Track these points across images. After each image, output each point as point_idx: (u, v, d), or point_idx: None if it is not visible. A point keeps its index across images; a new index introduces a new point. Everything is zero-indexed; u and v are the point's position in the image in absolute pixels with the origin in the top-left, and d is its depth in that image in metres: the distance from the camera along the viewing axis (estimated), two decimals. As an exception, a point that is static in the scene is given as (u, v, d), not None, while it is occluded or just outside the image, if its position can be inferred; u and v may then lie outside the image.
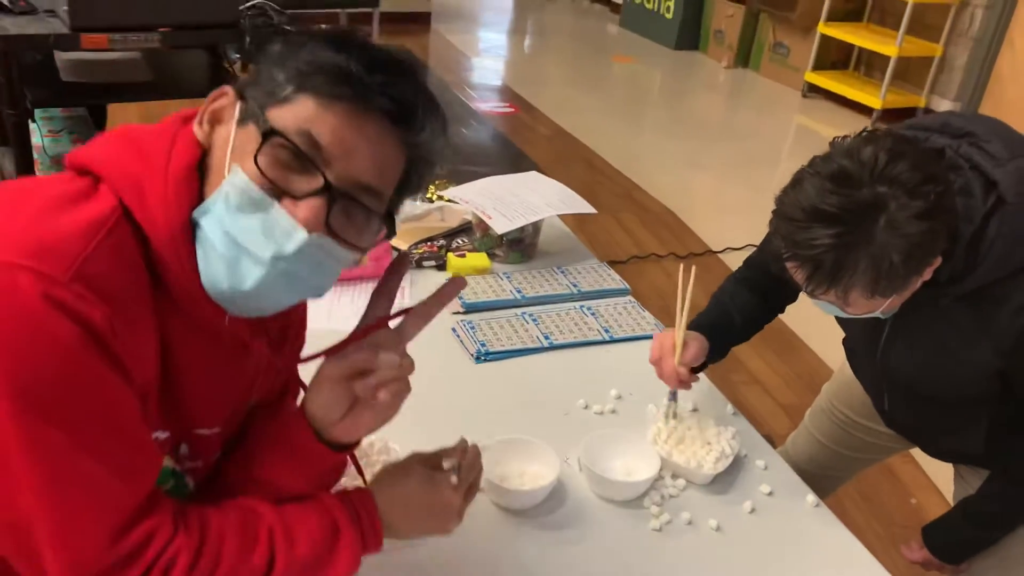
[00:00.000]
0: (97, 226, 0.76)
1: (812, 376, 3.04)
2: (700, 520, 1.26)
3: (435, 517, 1.00)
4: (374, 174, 0.82)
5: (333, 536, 0.91)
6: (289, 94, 0.80)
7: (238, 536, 0.85)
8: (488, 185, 1.97)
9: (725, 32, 6.93)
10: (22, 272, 0.71)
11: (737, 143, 5.36)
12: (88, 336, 0.73)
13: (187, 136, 0.83)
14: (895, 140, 1.06)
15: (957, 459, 1.48)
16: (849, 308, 1.13)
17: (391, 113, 0.81)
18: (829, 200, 1.02)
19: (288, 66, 0.81)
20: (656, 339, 1.40)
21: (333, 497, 0.94)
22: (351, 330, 0.94)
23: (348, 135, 0.80)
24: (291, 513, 0.90)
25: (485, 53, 7.02)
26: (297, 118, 0.79)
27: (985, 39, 5.40)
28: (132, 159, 0.81)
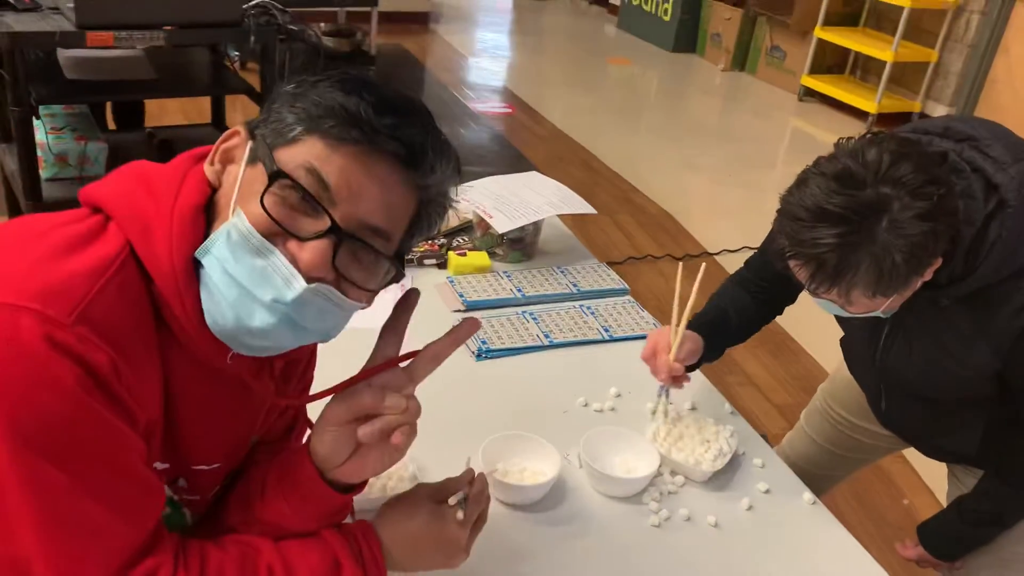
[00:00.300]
0: (103, 268, 0.76)
1: (807, 377, 3.06)
2: (698, 516, 1.28)
3: (441, 552, 0.99)
4: (382, 216, 0.82)
5: (335, 573, 0.89)
6: (298, 135, 0.79)
7: (237, 573, 0.84)
8: (489, 184, 1.99)
9: (722, 35, 6.96)
10: (25, 314, 0.71)
11: (733, 146, 5.39)
12: (90, 378, 0.73)
13: (197, 175, 0.83)
14: (899, 142, 1.08)
15: (952, 459, 1.50)
16: (851, 307, 1.15)
17: (400, 155, 0.80)
18: (833, 200, 1.04)
19: (297, 107, 0.80)
20: (651, 336, 1.42)
21: (334, 532, 0.93)
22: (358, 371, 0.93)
23: (356, 176, 0.79)
24: (291, 549, 0.89)
25: (483, 53, 7.03)
26: (306, 159, 0.78)
27: (980, 45, 5.44)
28: (142, 198, 0.81)
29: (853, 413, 1.66)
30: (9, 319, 0.70)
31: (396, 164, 0.81)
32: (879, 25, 6.16)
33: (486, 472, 1.22)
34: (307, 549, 0.90)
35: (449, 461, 1.29)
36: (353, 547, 0.92)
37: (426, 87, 5.97)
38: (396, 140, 0.80)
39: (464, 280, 1.78)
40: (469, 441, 1.29)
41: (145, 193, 0.81)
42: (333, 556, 0.90)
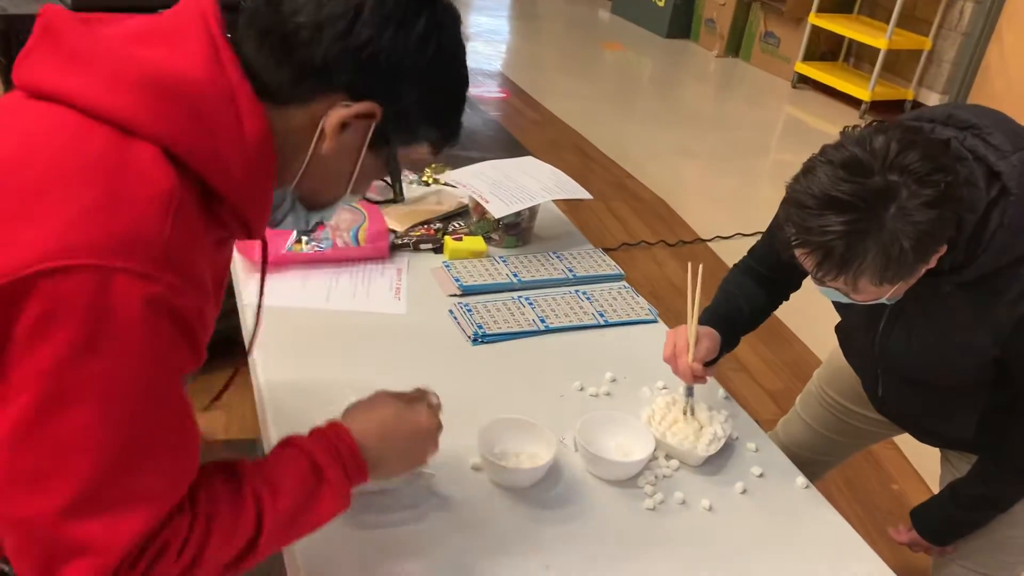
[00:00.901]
0: (165, 200, 0.76)
1: (798, 363, 3.08)
2: (693, 500, 1.29)
3: (413, 442, 1.01)
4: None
5: (316, 477, 0.90)
6: (416, 144, 0.93)
7: (227, 503, 0.84)
8: (485, 169, 1.99)
9: (716, 21, 6.95)
10: (117, 275, 0.71)
11: (727, 132, 5.39)
12: (181, 331, 0.77)
13: (247, 95, 0.82)
14: (905, 130, 1.08)
15: (946, 444, 1.52)
16: (856, 295, 1.16)
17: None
18: (841, 187, 1.05)
19: (431, 126, 0.92)
20: (669, 336, 1.41)
21: (307, 439, 0.94)
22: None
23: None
24: (270, 464, 0.90)
25: (477, 37, 7.00)
26: (406, 161, 0.95)
27: (974, 33, 5.45)
28: (190, 122, 0.79)
29: (848, 398, 1.67)
30: (102, 282, 0.71)
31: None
32: (873, 12, 6.16)
33: (482, 455, 1.23)
34: (285, 459, 0.91)
35: (446, 445, 1.29)
36: (330, 448, 0.93)
37: (420, 71, 5.93)
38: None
39: (460, 265, 1.78)
40: (465, 425, 1.29)
41: (192, 117, 0.79)
42: (312, 461, 0.91)
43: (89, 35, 0.81)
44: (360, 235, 1.76)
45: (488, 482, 1.27)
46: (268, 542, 0.86)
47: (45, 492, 0.73)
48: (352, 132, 0.88)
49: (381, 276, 1.73)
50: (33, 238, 0.71)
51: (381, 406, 1.01)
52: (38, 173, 0.74)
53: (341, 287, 1.67)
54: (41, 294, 0.70)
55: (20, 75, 0.81)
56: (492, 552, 1.15)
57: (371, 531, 1.16)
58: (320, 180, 0.92)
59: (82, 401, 0.72)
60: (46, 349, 0.71)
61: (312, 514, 0.91)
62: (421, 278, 1.75)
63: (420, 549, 1.14)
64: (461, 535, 1.17)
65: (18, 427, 0.72)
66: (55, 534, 0.74)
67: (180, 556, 0.79)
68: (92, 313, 0.71)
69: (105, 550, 0.75)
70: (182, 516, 0.80)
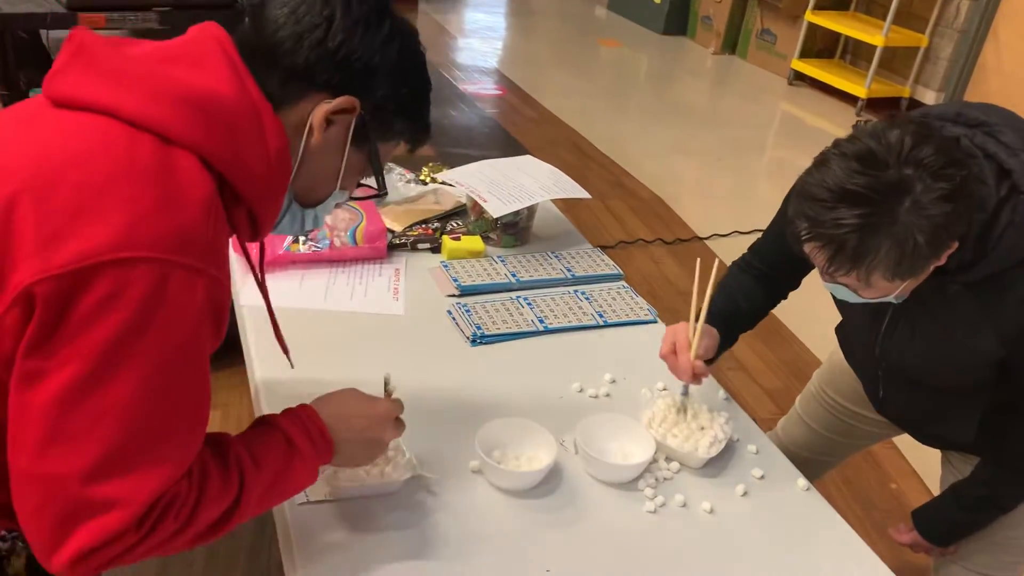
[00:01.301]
0: (208, 204, 0.87)
1: (796, 362, 3.08)
2: (694, 503, 1.28)
3: (373, 425, 1.10)
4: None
5: (289, 451, 1.01)
6: (393, 139, 1.04)
7: (215, 470, 0.93)
8: (482, 168, 1.98)
9: (713, 18, 6.94)
10: (175, 269, 0.82)
11: (723, 130, 5.38)
12: (215, 319, 0.90)
13: (268, 113, 0.94)
14: (919, 125, 1.07)
15: (947, 445, 1.51)
16: (867, 291, 1.14)
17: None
18: (856, 180, 1.03)
19: (402, 120, 1.02)
20: (668, 333, 1.40)
21: (282, 417, 1.04)
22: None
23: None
24: (250, 438, 1.00)
25: (472, 34, 6.99)
26: (386, 158, 1.05)
27: (970, 31, 5.44)
28: (222, 134, 0.89)
29: (849, 399, 1.66)
30: (161, 274, 0.82)
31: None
32: (869, 9, 6.15)
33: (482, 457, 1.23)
34: (262, 434, 1.01)
35: (444, 447, 1.29)
36: (301, 425, 1.03)
37: (416, 68, 5.92)
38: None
39: (458, 264, 1.77)
40: (464, 427, 1.29)
41: (226, 130, 0.90)
42: (286, 436, 1.01)
43: (122, 55, 0.92)
44: (358, 235, 1.75)
45: (487, 485, 1.26)
46: (245, 508, 0.95)
47: (77, 453, 0.81)
48: (336, 128, 0.99)
49: (379, 276, 1.72)
50: (101, 230, 0.80)
51: (344, 394, 1.12)
52: (103, 172, 0.83)
53: (338, 287, 1.66)
54: (105, 280, 0.80)
55: (55, 88, 0.91)
56: (492, 556, 1.15)
57: (369, 534, 1.15)
58: (312, 177, 1.03)
59: (125, 375, 0.81)
60: (100, 327, 0.80)
61: (286, 484, 1.01)
62: (419, 278, 1.74)
63: (418, 552, 1.13)
64: (460, 538, 1.16)
65: (62, 393, 0.80)
66: (80, 492, 0.82)
67: (177, 517, 0.88)
68: (149, 301, 0.81)
69: (125, 507, 0.83)
70: (182, 480, 0.88)
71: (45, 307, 0.80)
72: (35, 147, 0.86)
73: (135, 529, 0.84)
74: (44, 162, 0.84)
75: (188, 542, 0.91)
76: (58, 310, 0.80)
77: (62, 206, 0.81)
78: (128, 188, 0.82)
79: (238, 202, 0.94)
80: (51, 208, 0.81)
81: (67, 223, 0.81)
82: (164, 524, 0.86)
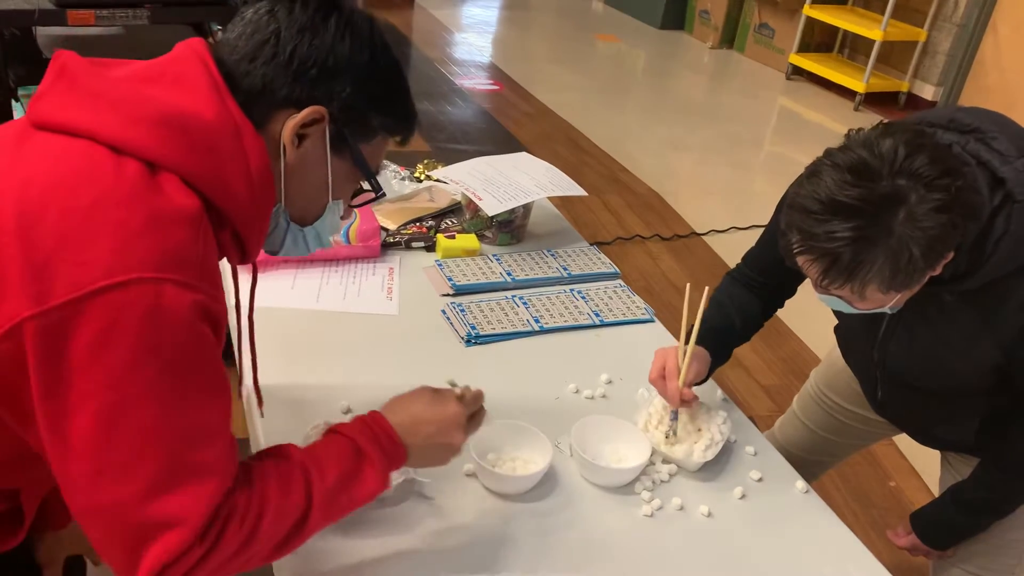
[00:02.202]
0: (196, 224, 0.86)
1: (794, 359, 3.07)
2: (691, 506, 1.27)
3: (443, 431, 1.07)
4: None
5: (357, 458, 0.99)
6: (376, 136, 1.01)
7: (277, 479, 0.93)
8: (478, 165, 1.96)
9: (711, 12, 6.91)
10: (168, 285, 0.82)
11: (721, 125, 5.36)
12: (215, 332, 0.88)
13: (249, 133, 0.92)
14: (913, 133, 1.05)
15: (947, 447, 1.49)
16: (861, 304, 1.12)
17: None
18: (848, 192, 1.01)
19: (379, 114, 0.99)
20: (657, 357, 1.36)
21: (348, 425, 1.03)
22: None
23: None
24: (316, 447, 1.00)
25: (469, 28, 6.96)
26: (378, 160, 1.04)
27: (969, 25, 5.42)
28: (204, 155, 0.88)
29: (847, 399, 1.65)
30: (156, 291, 0.81)
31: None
32: (868, 3, 6.13)
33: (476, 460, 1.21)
34: (329, 443, 1.00)
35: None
36: (369, 432, 1.02)
37: (412, 63, 5.90)
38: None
39: (453, 263, 1.75)
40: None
41: (206, 152, 0.89)
42: (354, 444, 1.00)
43: (103, 77, 0.91)
44: (351, 234, 1.73)
45: (482, 488, 1.24)
46: (317, 517, 0.94)
47: (128, 479, 0.82)
48: (311, 140, 0.97)
49: (372, 275, 1.70)
50: (92, 257, 0.80)
51: (414, 397, 1.10)
52: (88, 197, 0.82)
53: (331, 287, 1.64)
54: (101, 307, 0.79)
55: (38, 111, 0.90)
56: (486, 560, 1.13)
57: (362, 539, 1.13)
58: (301, 194, 1.01)
59: (149, 397, 0.82)
60: (109, 356, 0.80)
61: (356, 491, 0.99)
62: (413, 277, 1.72)
63: (412, 557, 1.12)
64: (454, 543, 1.15)
65: (92, 429, 0.81)
66: (141, 515, 0.82)
67: (241, 527, 0.87)
68: (149, 319, 0.81)
69: (188, 520, 0.83)
70: (241, 491, 0.89)
71: (42, 343, 0.79)
72: (19, 172, 0.85)
73: (199, 542, 0.84)
74: (28, 189, 0.83)
75: (266, 555, 0.92)
76: (58, 344, 0.79)
77: (49, 233, 0.80)
78: (114, 212, 0.82)
79: (223, 224, 0.93)
80: (38, 235, 0.80)
81: (56, 251, 0.80)
82: (228, 534, 0.86)
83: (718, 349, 1.41)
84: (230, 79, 0.93)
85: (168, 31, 2.89)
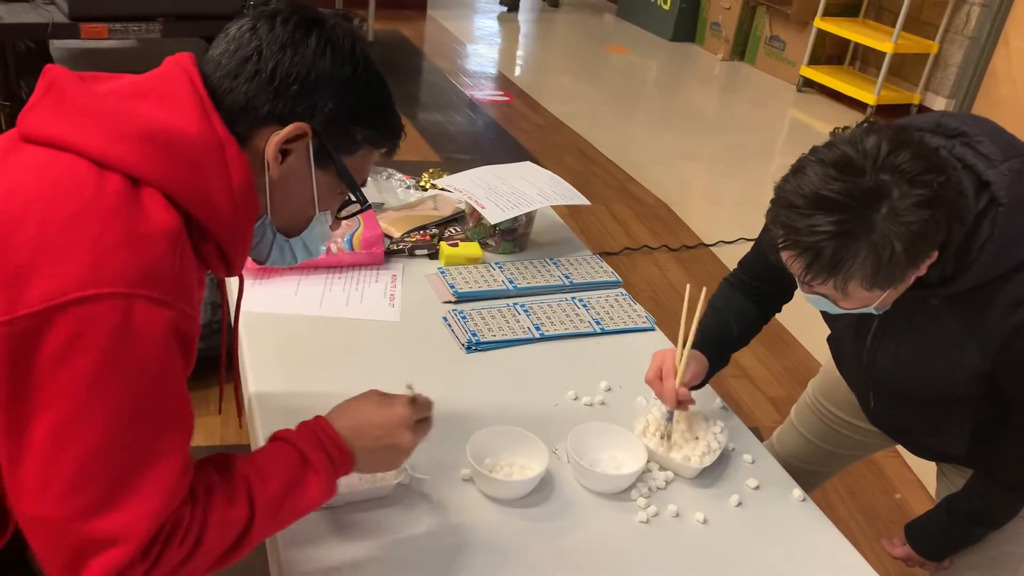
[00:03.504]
0: (174, 241, 0.86)
1: (800, 369, 3.06)
2: (687, 513, 1.27)
3: (390, 433, 1.07)
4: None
5: (302, 465, 0.98)
6: (361, 149, 1.01)
7: (221, 491, 0.92)
8: (481, 174, 1.97)
9: (722, 24, 6.93)
10: (139, 301, 0.82)
11: (731, 136, 5.37)
12: (185, 349, 0.88)
13: (233, 148, 0.93)
14: (896, 131, 1.06)
15: (940, 458, 1.49)
16: (844, 302, 1.13)
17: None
18: (832, 186, 1.02)
19: (362, 127, 1.00)
20: (655, 358, 1.37)
21: (292, 431, 1.02)
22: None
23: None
24: (259, 455, 0.98)
25: (480, 40, 7.00)
26: (364, 173, 1.05)
27: (981, 37, 5.41)
28: (186, 171, 0.89)
29: (844, 410, 1.64)
30: (126, 307, 0.81)
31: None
32: (879, 16, 6.13)
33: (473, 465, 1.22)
34: (273, 451, 0.99)
35: (437, 454, 1.28)
36: (314, 438, 1.01)
37: (423, 74, 5.94)
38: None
39: (455, 271, 1.76)
40: (457, 434, 1.28)
41: (189, 167, 0.89)
42: (298, 451, 0.99)
43: (90, 92, 0.92)
44: (355, 241, 1.74)
45: (478, 493, 1.25)
46: (261, 526, 0.93)
47: (74, 493, 0.81)
48: (295, 156, 0.98)
49: (375, 282, 1.71)
50: (66, 269, 0.80)
51: (361, 400, 1.09)
52: (66, 209, 0.82)
53: (334, 294, 1.66)
54: (70, 319, 0.79)
55: (27, 125, 0.91)
56: (480, 565, 1.13)
57: (359, 542, 1.14)
58: (287, 208, 1.03)
59: (104, 412, 0.81)
60: (72, 368, 0.80)
61: (300, 499, 0.98)
62: (416, 284, 1.73)
63: (406, 560, 1.12)
64: (449, 547, 1.15)
65: (46, 439, 0.81)
66: (85, 530, 0.82)
67: (183, 542, 0.87)
68: (117, 334, 0.81)
69: (130, 538, 0.83)
70: (184, 506, 0.88)
71: (10, 350, 0.80)
72: (2, 183, 0.86)
73: (140, 560, 0.84)
74: (9, 199, 0.84)
75: (210, 565, 0.91)
76: (25, 353, 0.80)
77: (26, 244, 0.81)
78: (92, 225, 0.82)
79: (206, 238, 0.93)
80: (14, 246, 0.81)
81: (31, 261, 0.80)
82: (170, 551, 0.86)
83: (716, 354, 1.41)
84: (215, 95, 0.94)
85: (181, 45, 2.94)
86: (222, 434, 2.40)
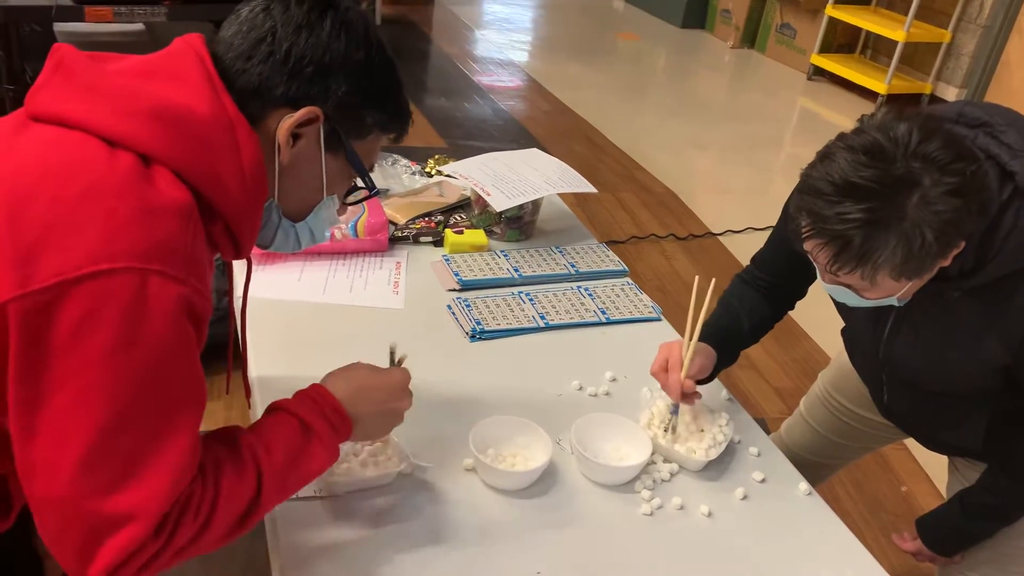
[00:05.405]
0: (186, 217, 0.86)
1: (808, 361, 3.04)
2: (691, 506, 1.26)
3: (392, 396, 1.09)
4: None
5: (305, 432, 0.99)
6: (371, 133, 1.01)
7: (229, 464, 0.93)
8: (487, 161, 1.95)
9: (732, 12, 6.87)
10: (154, 276, 0.82)
11: (740, 124, 5.33)
12: (198, 328, 0.88)
13: (244, 127, 0.92)
14: (926, 119, 1.03)
15: (954, 452, 1.47)
16: (869, 292, 1.10)
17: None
18: (863, 173, 0.99)
19: (373, 112, 1.00)
20: (661, 350, 1.35)
21: (291, 401, 1.03)
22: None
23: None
24: (262, 427, 0.99)
25: (489, 26, 6.95)
26: (373, 157, 1.05)
27: (994, 26, 5.36)
28: (199, 150, 0.89)
29: (854, 402, 1.63)
30: (141, 282, 0.81)
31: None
32: (891, 4, 6.07)
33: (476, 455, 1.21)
34: (275, 422, 1.00)
35: (441, 442, 1.27)
36: (314, 406, 1.01)
37: (430, 59, 5.91)
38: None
39: (460, 258, 1.75)
40: (460, 423, 1.27)
41: (199, 145, 0.89)
42: (300, 420, 1.00)
43: (100, 71, 0.91)
44: (359, 227, 1.73)
45: (481, 483, 1.24)
46: (269, 496, 0.95)
47: (88, 472, 0.81)
48: (305, 140, 0.97)
49: (379, 269, 1.70)
50: (78, 243, 0.80)
51: (354, 368, 1.10)
52: (78, 186, 0.82)
53: (338, 280, 1.65)
54: (84, 293, 0.79)
55: (35, 103, 0.91)
56: (482, 556, 1.12)
57: (360, 531, 1.13)
58: (295, 191, 1.02)
59: (119, 389, 0.81)
60: (88, 345, 0.80)
61: (305, 468, 0.99)
62: (420, 272, 1.72)
63: (408, 550, 1.11)
64: (451, 538, 1.14)
65: (61, 416, 0.81)
66: (97, 509, 0.82)
67: (196, 518, 0.88)
68: (131, 310, 0.81)
69: (143, 517, 0.83)
70: (195, 482, 0.88)
71: (24, 325, 0.79)
72: (11, 162, 0.86)
73: (154, 537, 0.84)
74: (20, 176, 0.84)
75: (220, 538, 0.91)
76: (40, 328, 0.79)
77: (38, 220, 0.81)
78: (104, 200, 0.82)
79: (215, 218, 0.93)
80: (26, 222, 0.81)
81: (43, 237, 0.80)
82: (183, 526, 0.86)
83: (725, 350, 1.39)
84: (226, 76, 0.93)
85: (188, 28, 2.91)
86: (227, 418, 2.39)
